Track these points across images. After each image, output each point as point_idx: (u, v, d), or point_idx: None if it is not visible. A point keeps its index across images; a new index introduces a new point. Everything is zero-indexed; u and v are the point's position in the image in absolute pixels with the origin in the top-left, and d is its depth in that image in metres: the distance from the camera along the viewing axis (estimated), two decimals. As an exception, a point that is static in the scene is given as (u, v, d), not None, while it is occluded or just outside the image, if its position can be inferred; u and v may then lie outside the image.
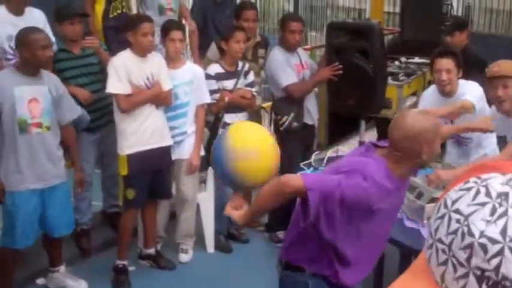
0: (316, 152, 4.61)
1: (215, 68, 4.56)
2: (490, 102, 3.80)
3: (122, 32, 4.62)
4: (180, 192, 4.50)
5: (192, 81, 4.31)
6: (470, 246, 0.77)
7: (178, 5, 5.46)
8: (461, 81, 3.99)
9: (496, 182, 0.80)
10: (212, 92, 4.48)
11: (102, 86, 4.26)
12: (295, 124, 4.70)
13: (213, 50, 4.90)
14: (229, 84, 4.57)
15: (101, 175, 4.82)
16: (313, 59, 5.82)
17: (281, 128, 4.73)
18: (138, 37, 3.94)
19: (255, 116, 5.05)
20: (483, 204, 0.78)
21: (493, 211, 0.77)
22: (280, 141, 4.89)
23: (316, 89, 5.13)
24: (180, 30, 4.24)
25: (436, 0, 7.20)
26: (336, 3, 14.30)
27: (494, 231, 0.76)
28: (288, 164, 4.78)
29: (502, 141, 3.78)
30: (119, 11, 4.98)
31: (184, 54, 4.74)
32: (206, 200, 4.73)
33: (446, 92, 3.95)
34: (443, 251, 0.80)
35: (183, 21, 5.34)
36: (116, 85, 3.95)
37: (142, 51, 4.01)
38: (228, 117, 4.60)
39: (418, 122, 2.47)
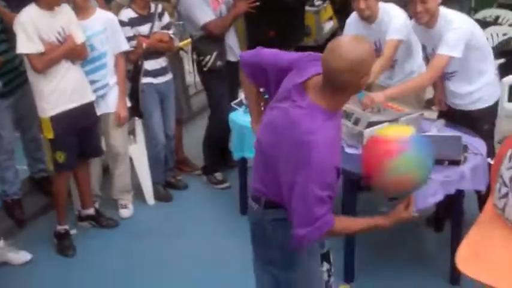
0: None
1: (128, 13, 4.35)
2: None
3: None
4: (111, 147, 4.35)
5: (106, 28, 4.09)
6: None
7: None
8: (382, 5, 3.92)
9: None
10: (128, 39, 4.29)
11: (9, 46, 4.01)
12: (219, 63, 4.58)
13: (121, -6, 4.65)
14: (144, 29, 4.38)
15: (22, 140, 4.57)
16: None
17: (205, 69, 4.61)
18: None
19: (175, 58, 4.90)
20: None
21: None
22: (205, 82, 4.84)
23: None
24: None
25: None
26: None
27: None
28: (217, 104, 4.73)
29: (423, 50, 3.85)
30: (14, -37, 4.61)
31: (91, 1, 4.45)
32: (138, 151, 4.61)
33: (367, 18, 3.90)
34: None
35: None
36: (26, 45, 3.68)
37: (50, 5, 3.73)
38: (147, 64, 4.44)
39: (359, 51, 2.21)
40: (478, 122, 3.64)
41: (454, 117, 3.75)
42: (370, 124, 3.44)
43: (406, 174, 2.22)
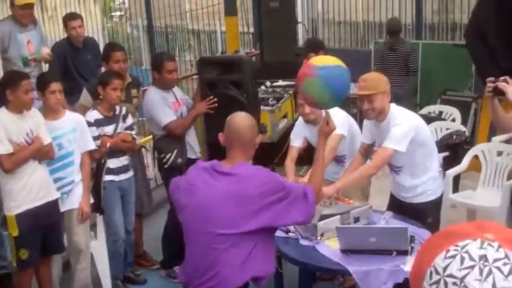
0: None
1: (94, 115, 4.56)
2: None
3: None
4: (74, 243, 4.42)
5: (75, 129, 4.30)
6: None
7: (40, 53, 5.45)
8: None
9: (474, 247, 1.01)
10: (93, 138, 4.48)
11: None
12: (179, 160, 4.80)
13: (85, 96, 4.90)
14: (109, 129, 4.59)
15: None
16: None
17: (165, 166, 4.81)
18: (19, 95, 3.87)
19: (136, 155, 5.10)
20: (471, 267, 0.99)
21: (481, 271, 0.99)
22: (166, 179, 5.01)
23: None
24: (58, 81, 4.21)
25: (290, 20, 7.62)
26: (185, 26, 14.51)
27: (488, 287, 0.97)
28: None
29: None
30: (-18, 69, 4.85)
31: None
32: (99, 247, 4.69)
33: (312, 121, 4.27)
34: None
35: None
36: None
37: (20, 109, 3.94)
38: (110, 162, 4.61)
39: (248, 118, 3.13)
40: (422, 214, 3.88)
41: (401, 209, 4.00)
42: (323, 217, 3.67)
43: (308, 94, 3.09)
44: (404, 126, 3.74)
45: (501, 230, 1.05)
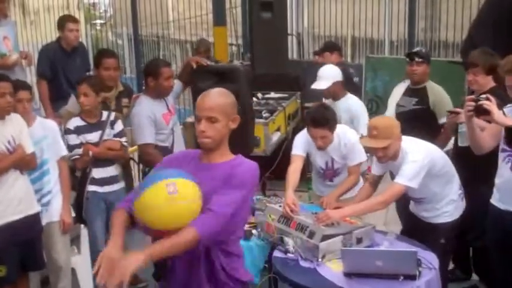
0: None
1: (75, 122, 4.35)
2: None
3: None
4: (53, 260, 4.13)
5: (46, 136, 4.06)
6: None
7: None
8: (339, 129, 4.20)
9: None
10: (74, 146, 4.28)
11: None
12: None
13: (73, 103, 4.65)
14: (93, 137, 4.34)
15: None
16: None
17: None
18: None
19: (125, 167, 4.81)
20: None
21: None
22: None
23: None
24: (27, 89, 3.99)
25: (282, 31, 7.43)
26: (167, 36, 14.26)
27: None
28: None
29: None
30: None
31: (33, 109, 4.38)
32: (82, 262, 4.41)
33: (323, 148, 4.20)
34: None
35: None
36: None
37: (2, 114, 3.68)
38: (95, 172, 4.36)
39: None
40: (436, 234, 3.81)
41: (415, 224, 3.95)
42: (325, 237, 3.45)
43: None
44: (417, 163, 3.65)
45: None
